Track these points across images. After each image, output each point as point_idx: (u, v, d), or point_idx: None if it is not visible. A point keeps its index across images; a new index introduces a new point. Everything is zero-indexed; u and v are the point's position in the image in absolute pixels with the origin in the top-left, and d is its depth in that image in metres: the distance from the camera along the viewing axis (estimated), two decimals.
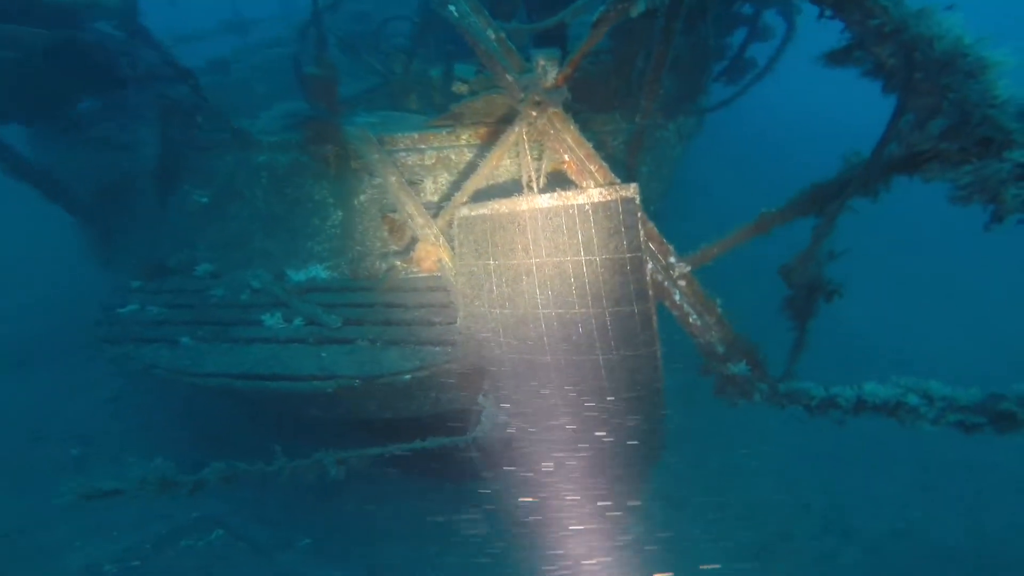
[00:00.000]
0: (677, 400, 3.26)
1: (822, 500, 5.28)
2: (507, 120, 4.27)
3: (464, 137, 4.45)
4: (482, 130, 4.42)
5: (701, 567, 4.57)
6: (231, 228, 4.73)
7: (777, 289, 3.02)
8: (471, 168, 4.35)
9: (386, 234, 4.42)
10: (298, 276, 4.55)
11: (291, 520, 4.77)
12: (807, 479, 5.47)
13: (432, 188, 4.48)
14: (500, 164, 3.97)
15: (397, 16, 6.97)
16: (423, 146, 4.41)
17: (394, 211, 4.39)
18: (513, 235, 3.25)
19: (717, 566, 4.31)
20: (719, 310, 3.13)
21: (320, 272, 4.55)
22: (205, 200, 4.84)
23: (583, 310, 3.08)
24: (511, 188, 3.98)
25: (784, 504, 5.22)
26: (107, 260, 5.16)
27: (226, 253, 4.71)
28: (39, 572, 4.19)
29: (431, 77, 6.49)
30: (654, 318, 2.98)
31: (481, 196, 3.79)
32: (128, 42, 4.90)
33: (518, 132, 3.39)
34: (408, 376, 3.57)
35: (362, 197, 4.54)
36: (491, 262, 3.40)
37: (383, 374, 3.55)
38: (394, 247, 4.36)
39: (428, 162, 4.44)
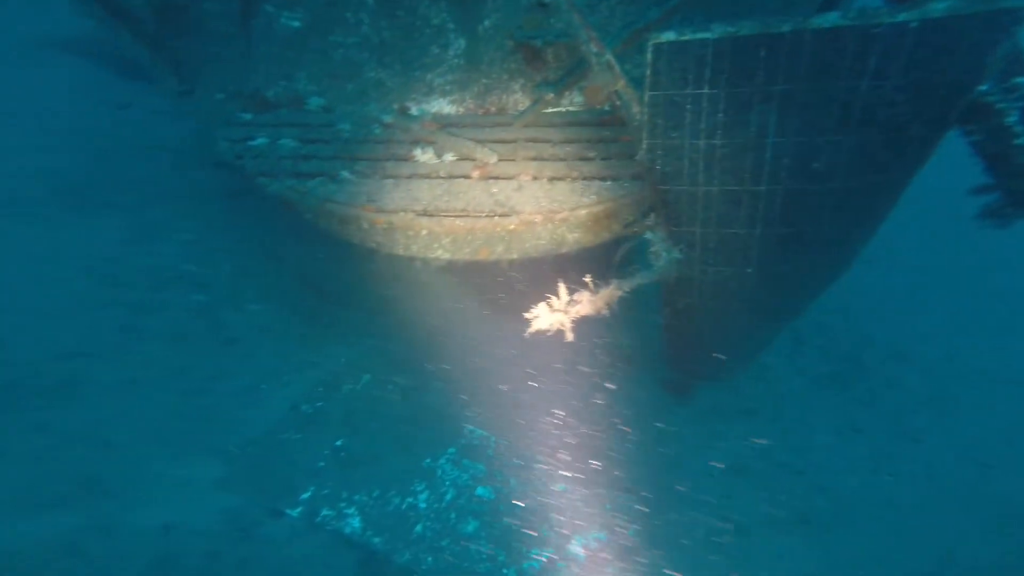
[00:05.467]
0: None
1: (882, 331, 5.88)
2: None
3: None
4: None
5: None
6: (336, 57, 4.24)
7: None
8: None
9: (523, 65, 4.09)
10: (420, 111, 4.22)
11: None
12: (868, 313, 6.01)
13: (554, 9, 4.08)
14: None
15: None
16: None
17: (532, 37, 4.03)
18: (753, 60, 2.97)
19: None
20: None
21: (444, 106, 4.23)
22: (297, 24, 4.27)
23: (840, 137, 2.98)
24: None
25: (851, 335, 5.79)
26: (184, 92, 4.60)
27: (334, 85, 4.28)
28: (250, 412, 4.26)
29: None
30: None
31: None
32: None
33: None
34: (585, 211, 3.52)
35: (487, 22, 4.11)
36: (706, 90, 3.20)
37: (563, 208, 3.48)
38: (538, 78, 4.05)
39: None
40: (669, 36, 3.25)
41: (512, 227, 3.55)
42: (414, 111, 4.17)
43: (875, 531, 4.21)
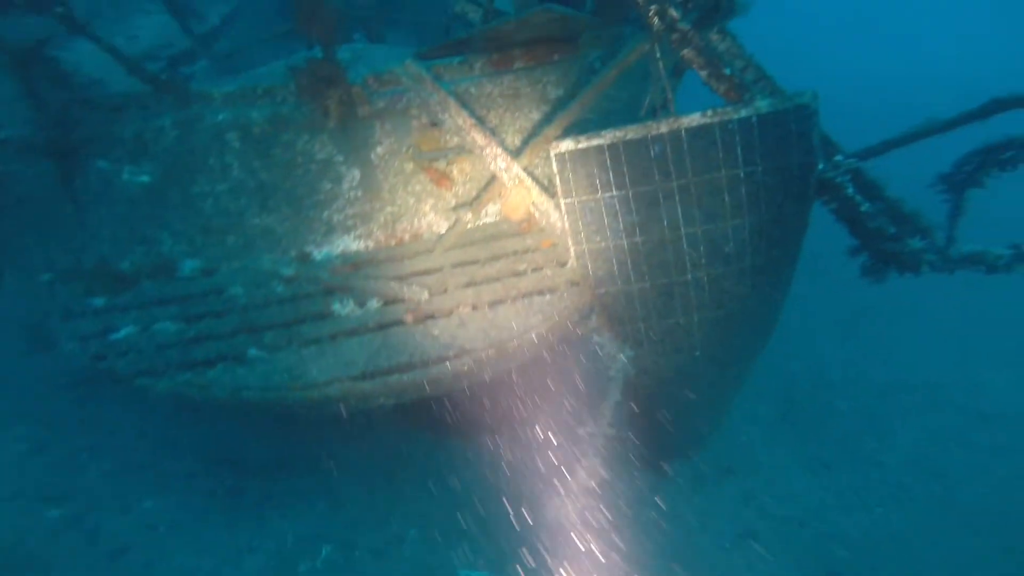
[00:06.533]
0: None
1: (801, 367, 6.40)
2: (534, 42, 3.91)
3: (477, 66, 3.96)
4: (496, 57, 3.98)
5: None
6: (206, 208, 3.62)
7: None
8: (512, 99, 3.94)
9: (430, 185, 3.83)
10: (324, 255, 3.73)
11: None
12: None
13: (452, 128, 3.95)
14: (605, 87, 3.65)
15: None
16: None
17: (435, 159, 3.81)
18: (645, 160, 3.11)
19: None
20: (887, 192, 3.44)
21: (351, 244, 3.79)
22: (146, 179, 3.59)
23: (737, 220, 3.15)
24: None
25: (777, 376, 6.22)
26: None
27: (210, 241, 3.61)
28: None
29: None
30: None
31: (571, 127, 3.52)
32: None
33: (637, 51, 3.15)
34: (535, 332, 3.29)
35: (379, 149, 3.82)
36: (615, 193, 3.22)
37: (513, 337, 3.22)
38: (454, 201, 3.81)
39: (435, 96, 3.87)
40: (568, 145, 3.31)
41: (466, 368, 3.20)
42: (317, 256, 3.67)
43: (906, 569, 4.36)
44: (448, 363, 3.10)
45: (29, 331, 3.99)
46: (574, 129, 3.67)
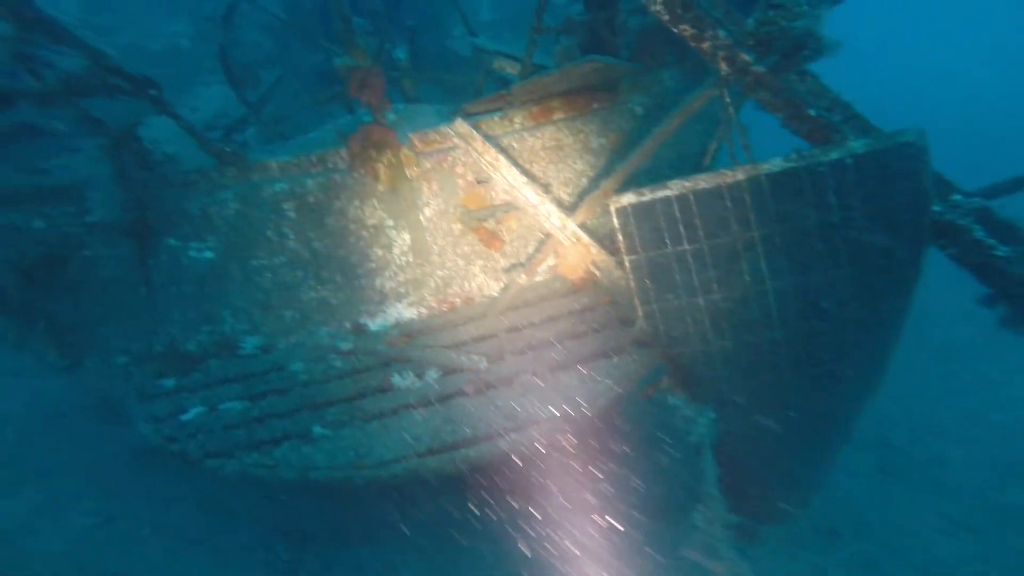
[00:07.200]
0: None
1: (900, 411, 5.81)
2: (579, 91, 3.86)
3: (518, 120, 3.94)
4: (535, 109, 3.94)
5: None
6: (264, 283, 3.67)
7: None
8: (555, 151, 3.88)
9: (479, 246, 3.79)
10: (378, 324, 3.71)
11: None
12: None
13: (501, 185, 3.91)
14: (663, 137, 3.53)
15: None
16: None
17: (483, 218, 3.77)
18: (722, 210, 2.94)
19: None
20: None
21: (403, 312, 3.76)
22: (210, 255, 3.68)
23: (834, 271, 2.94)
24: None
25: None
26: (70, 366, 3.70)
27: (269, 317, 3.65)
28: None
29: (397, 60, 5.64)
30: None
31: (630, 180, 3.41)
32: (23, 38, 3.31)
33: (703, 97, 3.06)
34: (604, 399, 3.14)
35: (427, 211, 3.81)
36: (686, 247, 3.07)
37: (579, 404, 3.08)
38: (504, 261, 3.75)
39: (486, 156, 3.84)
40: (630, 198, 3.16)
41: (531, 440, 3.07)
42: (372, 327, 3.65)
43: None
44: (513, 435, 2.98)
45: (103, 409, 4.08)
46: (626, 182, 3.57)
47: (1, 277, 3.68)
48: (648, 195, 3.06)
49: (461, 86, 5.72)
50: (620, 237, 3.17)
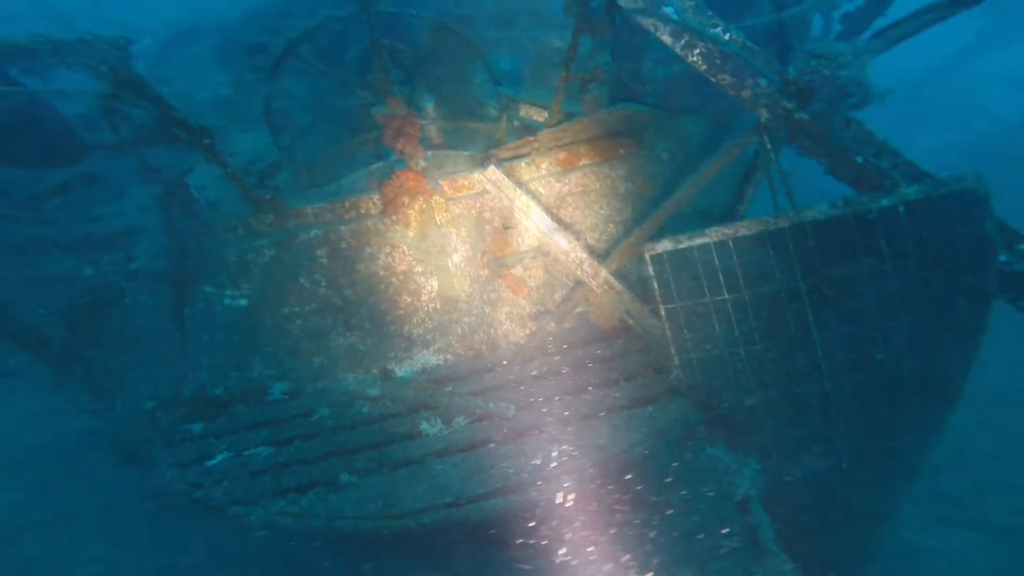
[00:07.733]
0: None
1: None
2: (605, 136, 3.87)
3: (544, 165, 3.96)
4: (562, 155, 3.97)
5: None
6: (294, 330, 3.69)
7: None
8: (582, 197, 3.88)
9: (505, 292, 3.76)
10: (406, 370, 3.68)
11: None
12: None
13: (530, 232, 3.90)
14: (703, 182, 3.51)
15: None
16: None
17: (511, 264, 3.76)
18: (763, 258, 2.88)
19: None
20: None
21: (430, 359, 3.72)
22: (244, 302, 3.73)
23: (888, 322, 2.83)
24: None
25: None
26: (100, 410, 3.74)
27: (298, 363, 3.66)
28: None
29: (424, 108, 5.79)
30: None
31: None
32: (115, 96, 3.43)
33: (742, 144, 3.04)
34: (638, 449, 3.03)
35: (455, 257, 3.82)
36: (726, 296, 3.00)
37: (612, 454, 2.97)
38: (530, 307, 3.72)
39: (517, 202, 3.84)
40: (666, 245, 3.12)
41: (561, 490, 2.95)
42: (399, 373, 3.62)
43: None
44: (542, 485, 2.87)
45: (122, 452, 4.08)
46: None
47: (50, 328, 3.78)
48: (685, 242, 3.01)
49: (483, 133, 5.84)
50: (655, 285, 3.12)
